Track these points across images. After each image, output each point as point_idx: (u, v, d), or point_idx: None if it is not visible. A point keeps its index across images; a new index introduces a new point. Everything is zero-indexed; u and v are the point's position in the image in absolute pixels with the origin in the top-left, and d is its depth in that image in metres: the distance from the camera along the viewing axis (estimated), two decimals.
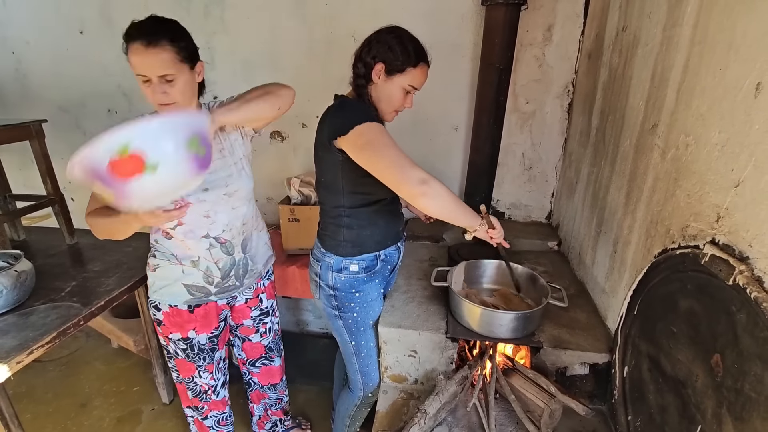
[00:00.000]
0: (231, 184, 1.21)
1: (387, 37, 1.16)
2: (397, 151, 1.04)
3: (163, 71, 1.03)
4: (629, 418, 1.14)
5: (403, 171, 1.01)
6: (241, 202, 1.25)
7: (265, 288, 1.47)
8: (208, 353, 1.36)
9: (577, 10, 1.80)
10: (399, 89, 1.18)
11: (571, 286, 1.61)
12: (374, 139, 1.05)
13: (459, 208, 1.09)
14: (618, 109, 1.37)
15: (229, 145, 1.23)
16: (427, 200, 1.01)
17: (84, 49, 2.22)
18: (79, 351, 2.47)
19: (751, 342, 0.73)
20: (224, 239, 1.25)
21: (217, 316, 1.35)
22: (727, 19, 0.85)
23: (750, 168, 0.77)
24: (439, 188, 1.02)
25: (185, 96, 1.09)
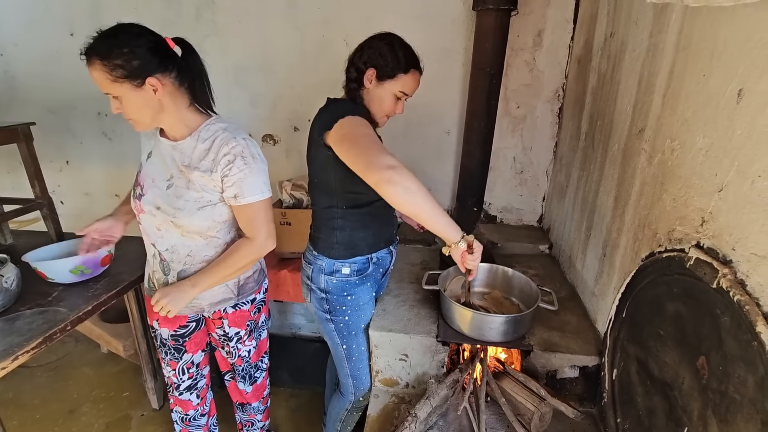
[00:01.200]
0: (178, 217, 1.12)
1: (379, 43, 1.17)
2: (370, 140, 1.02)
3: (104, 90, 1.00)
4: (618, 421, 1.15)
5: (371, 156, 0.96)
6: (191, 235, 1.17)
7: (226, 314, 1.33)
8: (170, 350, 1.34)
9: (567, 16, 1.83)
10: (390, 95, 1.19)
11: (561, 289, 1.62)
12: (351, 131, 1.05)
13: (433, 210, 0.99)
14: (606, 114, 1.39)
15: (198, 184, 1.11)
16: (393, 188, 0.92)
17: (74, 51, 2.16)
18: (67, 356, 2.44)
19: (734, 344, 0.74)
20: (164, 257, 1.21)
21: (186, 316, 1.31)
22: (709, 27, 0.86)
23: (733, 173, 0.78)
24: (408, 179, 0.93)
25: (142, 113, 1.04)
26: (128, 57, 0.97)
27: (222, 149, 1.08)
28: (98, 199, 2.56)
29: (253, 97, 2.16)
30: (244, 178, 1.10)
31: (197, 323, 1.37)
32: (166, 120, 1.10)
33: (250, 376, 1.51)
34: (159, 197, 1.13)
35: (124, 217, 1.35)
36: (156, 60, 1.01)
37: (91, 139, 2.40)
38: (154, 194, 1.14)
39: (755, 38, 0.74)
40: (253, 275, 1.36)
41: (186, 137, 1.11)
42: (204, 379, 1.46)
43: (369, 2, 1.91)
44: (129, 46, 0.97)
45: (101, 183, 2.51)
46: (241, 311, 1.35)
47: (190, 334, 1.35)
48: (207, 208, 1.14)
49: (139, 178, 1.20)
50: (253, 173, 1.11)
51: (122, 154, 2.41)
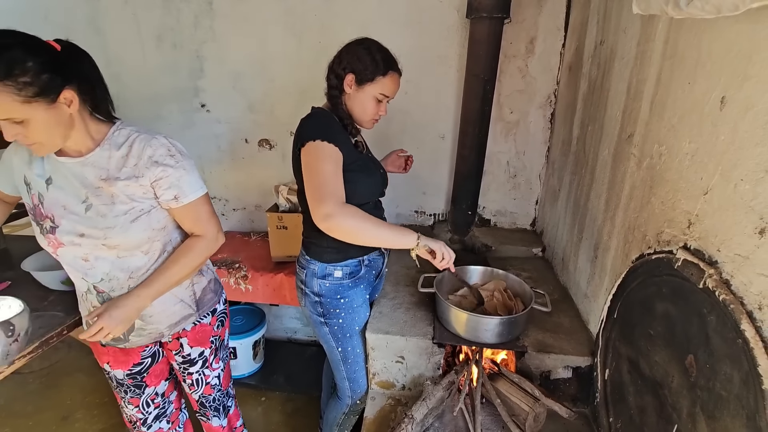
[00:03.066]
0: (111, 237, 1.01)
1: (356, 48, 1.20)
2: (323, 178, 1.08)
3: (7, 115, 0.83)
4: (611, 420, 1.17)
5: (317, 201, 1.07)
6: (129, 253, 1.05)
7: (184, 332, 1.22)
8: (130, 388, 1.23)
9: (558, 23, 1.87)
10: (371, 98, 1.22)
11: (554, 291, 1.65)
12: (313, 160, 1.10)
13: (378, 235, 1.11)
14: (597, 120, 1.42)
15: (125, 195, 1.01)
16: (335, 233, 1.08)
17: None
18: (60, 362, 2.42)
19: (720, 342, 0.77)
20: (102, 289, 1.07)
21: (139, 353, 1.21)
22: (694, 37, 0.90)
23: (717, 177, 0.81)
24: (346, 220, 1.06)
25: (53, 133, 0.90)
26: (36, 71, 0.82)
27: (145, 151, 1.00)
28: None
29: (251, 103, 2.17)
30: (181, 177, 1.04)
31: (153, 357, 1.24)
32: (74, 136, 0.96)
33: (224, 407, 1.40)
34: (79, 223, 0.99)
35: None
36: (64, 70, 0.88)
37: None
38: (72, 222, 0.99)
39: (736, 48, 0.77)
40: (209, 285, 1.27)
41: (94, 149, 0.99)
42: (172, 404, 1.35)
43: (365, 10, 1.94)
44: (32, 59, 0.83)
45: None
46: (201, 326, 1.24)
47: (148, 369, 1.24)
48: (141, 217, 1.03)
49: (41, 211, 1.01)
50: (187, 170, 1.06)
51: None
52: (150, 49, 2.12)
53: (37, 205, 1.02)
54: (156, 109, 2.24)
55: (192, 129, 2.25)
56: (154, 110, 2.25)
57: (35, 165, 1.01)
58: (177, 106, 2.22)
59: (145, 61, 2.14)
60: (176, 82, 2.17)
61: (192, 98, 2.19)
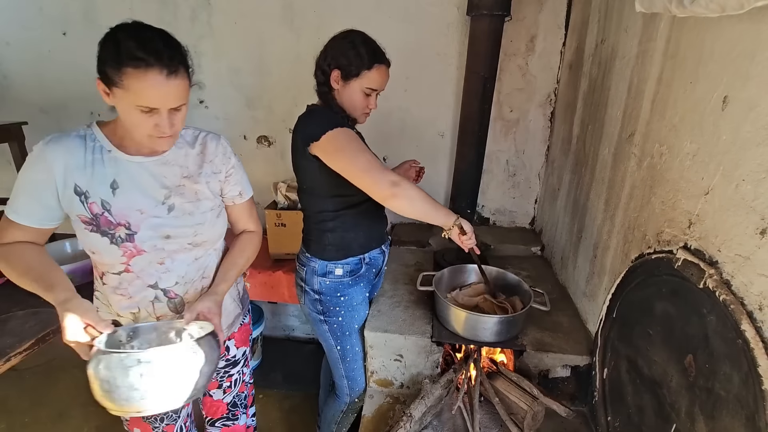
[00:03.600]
0: (200, 233, 1.00)
1: (341, 42, 1.18)
2: (368, 156, 1.09)
3: (178, 102, 0.85)
4: (609, 419, 1.17)
5: (375, 175, 1.06)
6: (206, 252, 1.04)
7: (233, 335, 1.20)
8: (167, 414, 1.15)
9: (559, 22, 1.86)
10: (359, 93, 1.20)
11: (553, 290, 1.65)
12: (345, 146, 1.09)
13: (432, 207, 1.12)
14: (597, 119, 1.42)
15: (209, 191, 1.01)
16: (399, 201, 1.06)
17: (67, 51, 2.18)
18: (56, 359, 2.40)
19: (720, 343, 0.77)
20: (175, 294, 1.01)
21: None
22: (696, 36, 0.89)
23: (718, 177, 0.81)
24: (409, 189, 1.07)
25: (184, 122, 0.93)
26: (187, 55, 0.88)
27: (217, 149, 1.03)
28: None
29: (249, 99, 2.16)
30: (243, 174, 1.10)
31: None
32: None
33: (243, 403, 1.33)
34: (163, 225, 0.94)
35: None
36: None
37: None
38: (155, 225, 0.93)
39: (739, 48, 0.77)
40: (241, 281, 1.27)
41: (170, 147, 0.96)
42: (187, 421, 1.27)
43: (364, 6, 1.92)
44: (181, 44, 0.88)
45: None
46: (245, 325, 1.24)
47: None
48: (222, 213, 1.07)
49: (108, 219, 0.90)
50: (243, 169, 1.10)
51: None
52: None
53: (100, 214, 0.90)
54: None
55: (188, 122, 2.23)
56: None
57: (96, 170, 0.89)
58: None
59: None
60: None
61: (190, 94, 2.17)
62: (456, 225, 1.17)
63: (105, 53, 0.81)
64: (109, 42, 0.81)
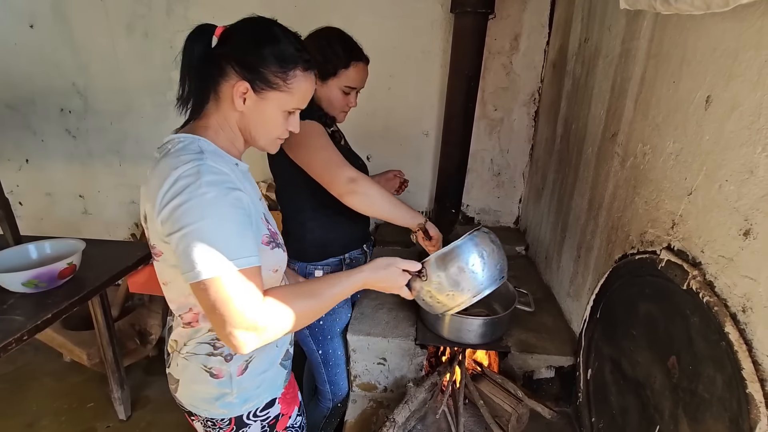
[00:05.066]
0: None
1: (316, 41, 1.13)
2: (329, 151, 1.05)
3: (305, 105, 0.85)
4: (593, 420, 1.16)
5: (333, 170, 1.03)
6: None
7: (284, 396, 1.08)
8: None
9: (543, 20, 1.86)
10: (337, 91, 1.17)
11: (537, 290, 1.64)
12: (309, 140, 1.05)
13: (394, 206, 1.09)
14: (581, 118, 1.42)
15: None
16: (356, 198, 1.03)
17: (34, 45, 2.08)
18: (26, 366, 2.30)
19: (703, 344, 0.76)
20: None
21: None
22: (679, 35, 0.89)
23: (701, 177, 0.80)
24: (368, 187, 1.03)
25: None
26: None
27: None
28: (61, 200, 2.43)
29: None
30: None
31: None
32: None
33: None
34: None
35: None
36: None
37: (54, 136, 2.28)
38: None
39: (722, 47, 0.76)
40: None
41: None
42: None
43: (346, 2, 1.89)
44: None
45: (64, 183, 2.38)
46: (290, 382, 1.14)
47: None
48: None
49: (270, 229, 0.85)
50: None
51: (87, 152, 2.29)
52: (120, 38, 2.01)
53: (270, 228, 0.85)
54: (127, 101, 2.15)
55: (166, 123, 2.16)
56: (124, 102, 2.15)
57: (245, 184, 0.79)
58: (150, 98, 2.13)
59: (115, 51, 2.04)
60: (148, 74, 2.08)
61: (166, 90, 2.10)
62: (420, 228, 1.13)
63: (267, 53, 0.75)
64: (271, 42, 0.76)
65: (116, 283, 1.97)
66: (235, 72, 0.75)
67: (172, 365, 0.87)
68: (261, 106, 0.78)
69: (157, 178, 0.69)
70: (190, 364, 0.82)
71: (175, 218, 0.65)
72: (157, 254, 0.76)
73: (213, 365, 0.82)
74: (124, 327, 2.15)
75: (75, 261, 1.45)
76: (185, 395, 0.86)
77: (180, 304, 0.80)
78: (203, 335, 0.81)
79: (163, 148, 0.76)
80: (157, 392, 2.14)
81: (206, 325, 0.80)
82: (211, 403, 0.84)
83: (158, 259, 0.77)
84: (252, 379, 0.85)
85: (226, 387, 0.83)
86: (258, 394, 0.87)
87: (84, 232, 2.45)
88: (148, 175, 0.74)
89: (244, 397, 0.85)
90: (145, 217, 0.77)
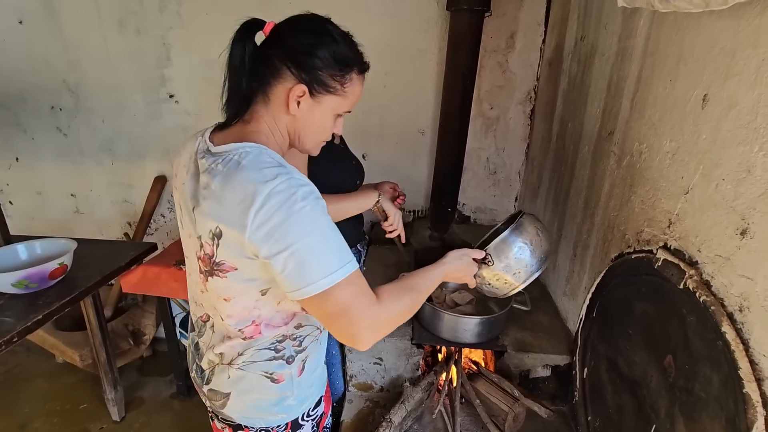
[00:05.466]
0: None
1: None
2: None
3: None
4: (589, 419, 1.17)
5: None
6: None
7: None
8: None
9: (539, 18, 1.85)
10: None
11: (534, 289, 1.64)
12: None
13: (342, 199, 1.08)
14: (577, 117, 1.41)
15: None
16: None
17: (24, 41, 2.04)
18: (18, 367, 2.27)
19: (700, 344, 0.76)
20: None
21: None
22: (676, 33, 0.88)
23: (698, 176, 0.80)
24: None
25: None
26: None
27: None
28: (52, 199, 2.39)
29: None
30: None
31: None
32: None
33: None
34: None
35: None
36: None
37: (44, 134, 2.24)
38: None
39: (719, 45, 0.76)
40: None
41: None
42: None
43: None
44: None
45: (55, 181, 2.35)
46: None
47: None
48: None
49: None
50: None
51: (79, 150, 2.26)
52: (111, 35, 1.98)
53: None
54: (119, 98, 2.11)
55: (159, 121, 2.13)
56: (116, 100, 2.12)
57: None
58: (142, 95, 2.10)
59: (107, 48, 2.01)
60: (141, 71, 2.05)
61: (158, 88, 2.07)
62: (377, 206, 1.10)
63: (326, 56, 0.72)
64: (330, 44, 0.73)
65: (109, 283, 1.96)
66: (291, 74, 0.72)
67: (214, 381, 0.82)
68: (315, 109, 0.75)
69: (238, 194, 0.63)
70: (247, 374, 0.79)
71: (277, 238, 0.63)
72: (224, 270, 0.70)
73: (275, 370, 0.80)
74: (117, 327, 2.13)
75: (66, 261, 1.42)
76: (237, 408, 0.82)
77: (241, 319, 0.76)
78: (264, 342, 0.78)
79: (226, 158, 0.68)
80: (152, 393, 2.12)
81: (269, 334, 0.78)
82: (269, 410, 0.82)
83: (225, 275, 0.71)
84: (308, 378, 0.85)
85: (287, 389, 0.82)
86: (311, 393, 0.87)
87: (76, 232, 2.42)
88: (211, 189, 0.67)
89: (302, 398, 0.84)
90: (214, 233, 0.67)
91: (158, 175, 2.24)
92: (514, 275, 0.99)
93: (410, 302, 0.78)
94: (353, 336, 0.67)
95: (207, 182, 0.68)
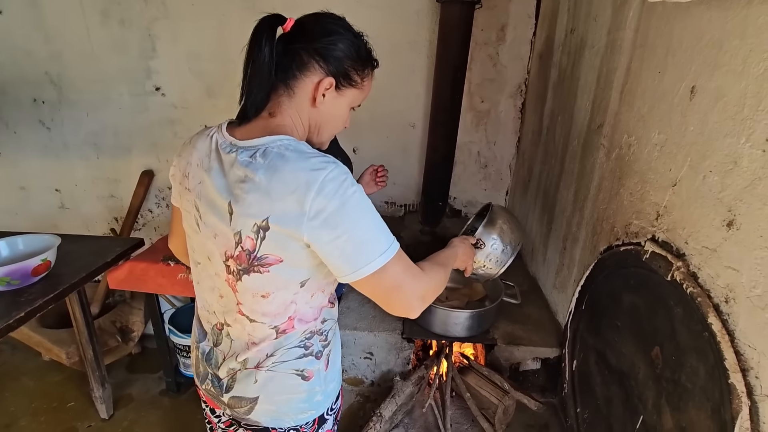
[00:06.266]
0: None
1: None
2: None
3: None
4: (578, 410, 1.17)
5: None
6: None
7: None
8: None
9: (529, 11, 1.84)
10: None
11: (524, 283, 1.64)
12: None
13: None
14: (567, 110, 1.41)
15: None
16: None
17: (4, 32, 1.98)
18: (3, 366, 2.23)
19: (687, 335, 0.76)
20: None
21: None
22: (665, 25, 0.88)
23: (686, 168, 0.80)
24: None
25: None
26: None
27: None
28: (36, 194, 2.34)
29: (209, 86, 2.04)
30: None
31: None
32: None
33: None
34: None
35: None
36: None
37: (27, 128, 2.19)
38: None
39: (707, 37, 0.76)
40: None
41: None
42: None
43: None
44: None
45: (39, 176, 2.30)
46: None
47: None
48: None
49: None
50: None
51: (63, 144, 2.21)
52: (95, 26, 1.93)
53: None
54: (104, 91, 2.07)
55: (145, 114, 2.09)
56: (101, 92, 2.07)
57: None
58: (127, 88, 2.05)
59: (90, 39, 1.96)
60: (126, 62, 2.00)
61: (144, 80, 2.03)
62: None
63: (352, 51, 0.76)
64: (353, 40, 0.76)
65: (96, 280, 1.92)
66: (320, 68, 0.73)
67: (237, 387, 0.80)
68: (337, 102, 0.78)
69: (290, 184, 0.64)
70: (277, 374, 0.79)
71: (335, 224, 0.64)
72: (267, 264, 0.69)
73: (305, 366, 0.80)
74: (105, 324, 2.09)
75: (50, 257, 1.39)
76: (267, 411, 0.81)
77: (278, 315, 0.75)
78: (294, 338, 0.78)
79: (265, 151, 0.67)
80: (140, 390, 2.10)
81: (300, 329, 0.78)
82: (299, 408, 0.81)
83: (267, 269, 0.69)
84: (332, 372, 0.86)
85: (316, 385, 0.82)
86: (334, 387, 0.88)
87: (61, 228, 2.37)
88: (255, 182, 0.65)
89: (327, 393, 0.85)
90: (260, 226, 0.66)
91: (145, 170, 2.20)
92: (503, 252, 1.11)
93: (445, 274, 0.84)
94: (409, 306, 0.73)
95: (245, 175, 0.67)
